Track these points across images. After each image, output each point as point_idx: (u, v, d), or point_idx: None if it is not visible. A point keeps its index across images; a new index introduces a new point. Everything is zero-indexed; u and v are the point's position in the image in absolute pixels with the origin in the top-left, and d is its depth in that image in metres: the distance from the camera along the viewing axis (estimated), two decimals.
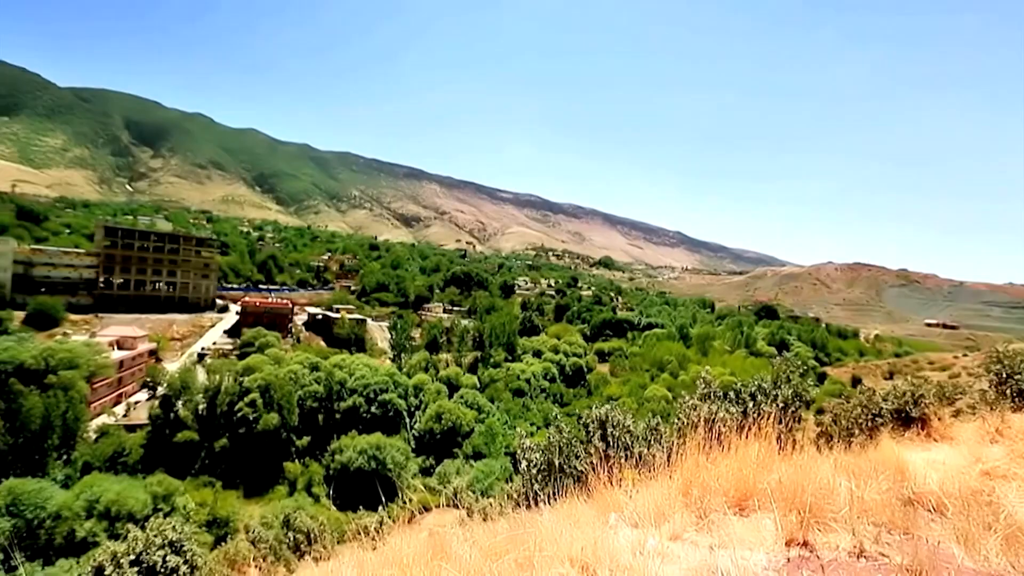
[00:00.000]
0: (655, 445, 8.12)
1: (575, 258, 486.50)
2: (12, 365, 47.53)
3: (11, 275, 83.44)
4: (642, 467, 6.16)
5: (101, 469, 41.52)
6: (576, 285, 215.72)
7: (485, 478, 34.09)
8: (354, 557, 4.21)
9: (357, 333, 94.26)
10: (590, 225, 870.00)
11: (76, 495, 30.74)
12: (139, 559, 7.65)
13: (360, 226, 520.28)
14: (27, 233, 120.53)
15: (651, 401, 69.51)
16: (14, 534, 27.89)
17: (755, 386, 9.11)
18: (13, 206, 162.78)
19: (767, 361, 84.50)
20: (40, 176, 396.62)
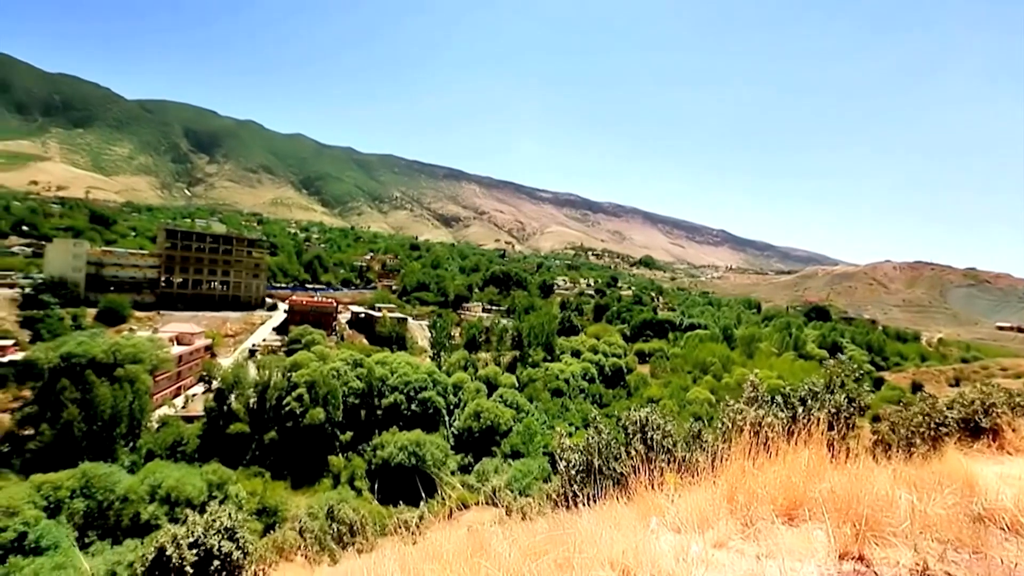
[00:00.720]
0: (698, 449, 7.92)
1: (615, 257, 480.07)
2: (86, 359, 51.29)
3: (85, 275, 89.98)
4: (684, 471, 6.03)
5: (162, 457, 44.12)
6: (616, 285, 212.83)
7: (523, 477, 34.13)
8: (396, 550, 4.30)
9: (398, 331, 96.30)
10: (630, 224, 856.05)
11: (141, 480, 32.79)
12: (197, 543, 8.08)
13: (401, 226, 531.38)
14: (98, 236, 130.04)
15: (693, 404, 67.77)
16: (87, 514, 30.06)
17: (805, 390, 8.73)
18: (87, 211, 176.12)
19: (818, 364, 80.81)
20: (110, 183, 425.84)
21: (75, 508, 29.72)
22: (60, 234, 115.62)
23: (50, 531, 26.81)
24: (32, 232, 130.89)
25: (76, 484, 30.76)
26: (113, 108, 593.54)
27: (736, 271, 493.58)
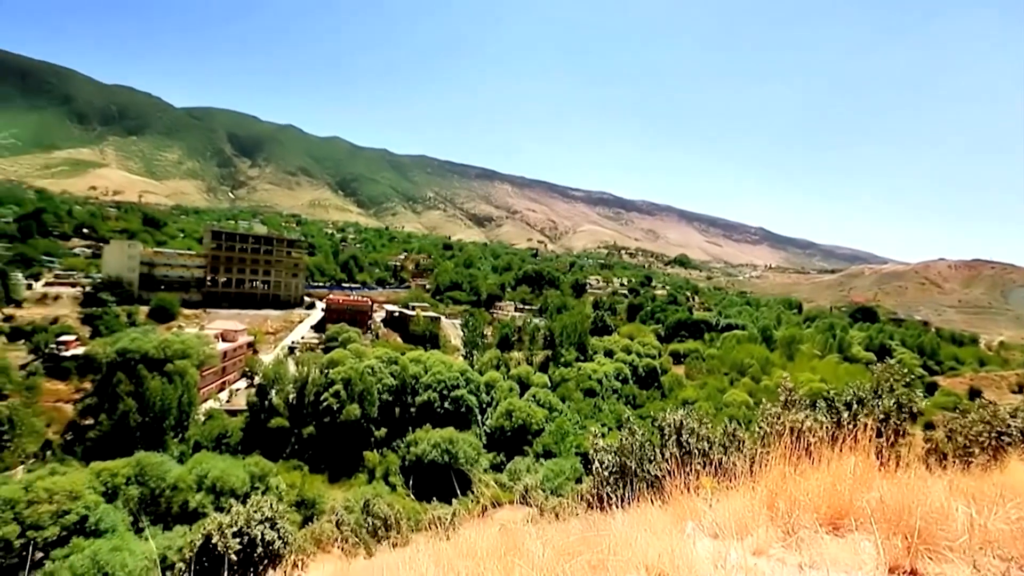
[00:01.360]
0: (735, 453, 7.71)
1: (649, 256, 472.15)
2: (139, 354, 54.17)
3: (138, 275, 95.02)
4: (721, 475, 5.89)
5: (208, 448, 46.11)
6: (650, 284, 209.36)
7: (555, 477, 34.04)
8: (430, 546, 4.35)
9: (431, 330, 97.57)
10: (665, 222, 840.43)
11: (189, 470, 34.35)
12: (241, 531, 8.43)
13: (434, 226, 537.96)
14: (150, 237, 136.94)
15: (730, 406, 66.03)
16: (141, 500, 31.72)
17: (851, 394, 8.37)
18: (140, 214, 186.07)
19: (864, 368, 77.35)
20: (160, 187, 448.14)
21: (130, 494, 31.39)
22: (116, 236, 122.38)
23: (108, 515, 28.42)
24: (92, 234, 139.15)
25: (131, 472, 32.49)
26: (164, 116, 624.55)
27: (776, 270, 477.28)
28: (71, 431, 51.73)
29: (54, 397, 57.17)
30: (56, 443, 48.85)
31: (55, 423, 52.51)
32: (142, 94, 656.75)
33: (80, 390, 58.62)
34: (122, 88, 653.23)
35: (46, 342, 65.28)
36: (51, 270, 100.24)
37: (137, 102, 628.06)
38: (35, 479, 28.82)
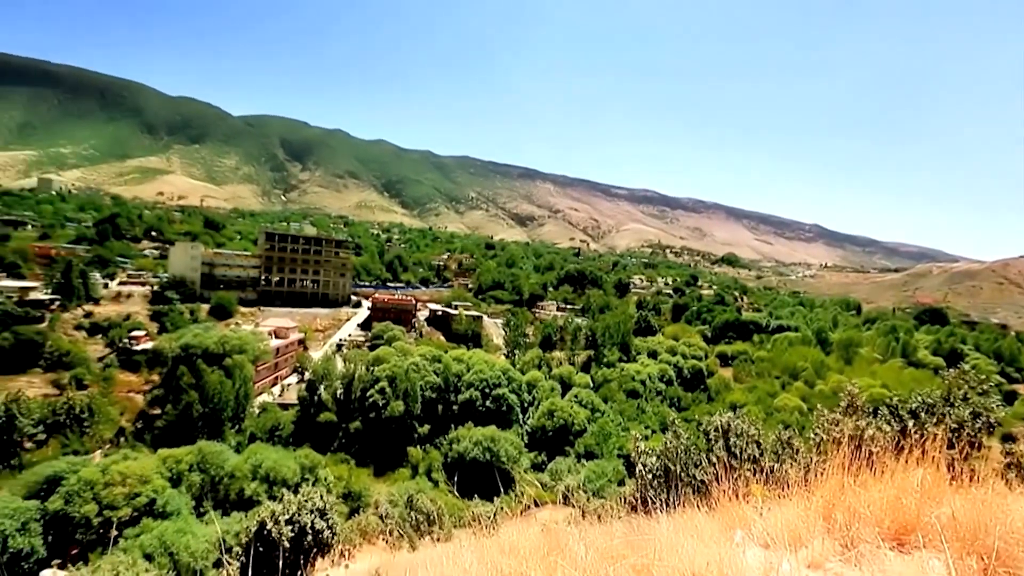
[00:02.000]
0: (787, 460, 7.38)
1: (695, 255, 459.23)
2: (200, 349, 57.50)
3: (200, 274, 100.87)
4: (772, 483, 5.66)
5: (262, 439, 48.39)
6: (696, 284, 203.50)
7: (597, 479, 33.65)
8: (473, 543, 4.39)
9: (474, 329, 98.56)
10: (712, 220, 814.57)
11: (245, 459, 36.15)
12: (292, 520, 8.79)
13: (477, 226, 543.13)
14: (211, 239, 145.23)
15: (781, 411, 63.30)
16: (201, 486, 33.66)
17: (917, 402, 7.84)
18: (202, 217, 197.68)
19: (932, 374, 72.28)
20: (220, 191, 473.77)
21: (192, 480, 33.35)
22: (180, 238, 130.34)
23: (173, 499, 30.32)
24: (159, 237, 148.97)
25: (193, 459, 34.51)
26: (222, 125, 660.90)
27: (832, 269, 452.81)
28: (141, 420, 55.52)
29: (127, 388, 61.53)
30: (128, 430, 52.56)
31: (127, 412, 56.52)
32: (203, 104, 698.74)
33: (149, 382, 62.85)
34: (186, 99, 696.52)
35: (120, 337, 70.39)
36: (124, 270, 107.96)
37: (199, 112, 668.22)
38: (110, 463, 31.13)
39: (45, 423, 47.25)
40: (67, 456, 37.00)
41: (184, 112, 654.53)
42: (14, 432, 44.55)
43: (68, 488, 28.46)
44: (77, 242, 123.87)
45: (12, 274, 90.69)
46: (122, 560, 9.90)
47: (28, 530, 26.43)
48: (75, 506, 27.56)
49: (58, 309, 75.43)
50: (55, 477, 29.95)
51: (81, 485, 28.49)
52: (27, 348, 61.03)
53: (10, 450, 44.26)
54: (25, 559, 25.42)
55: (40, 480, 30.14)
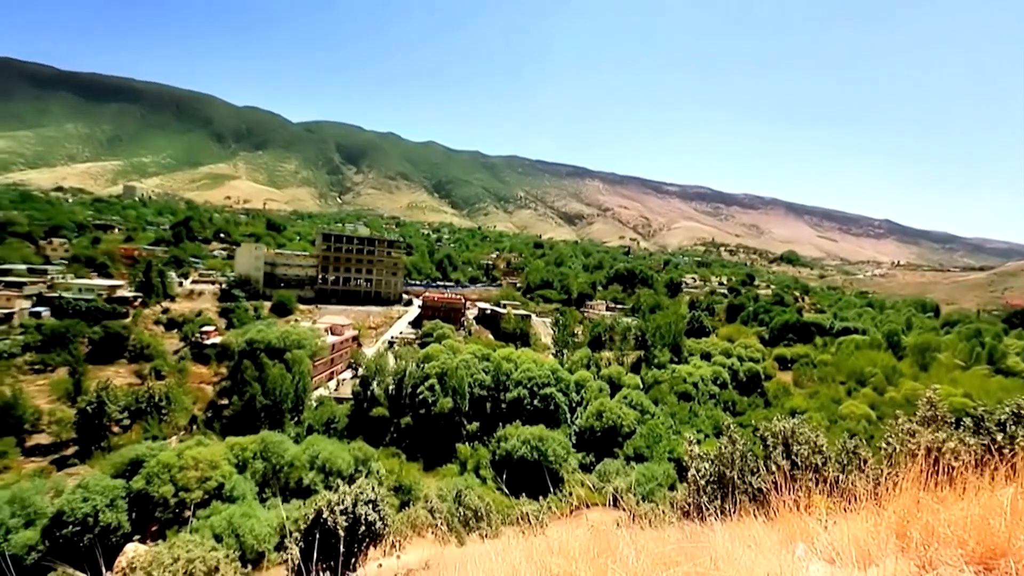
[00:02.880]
0: (854, 471, 6.94)
1: (751, 253, 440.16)
2: (263, 344, 60.84)
3: (263, 273, 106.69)
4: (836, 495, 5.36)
5: (319, 431, 50.52)
6: (752, 283, 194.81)
7: (647, 482, 32.96)
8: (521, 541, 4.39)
9: (522, 328, 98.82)
10: (770, 216, 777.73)
11: (303, 450, 37.94)
12: (347, 510, 9.13)
13: (525, 225, 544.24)
14: (272, 240, 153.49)
15: (847, 419, 59.62)
16: (264, 474, 35.61)
17: (1007, 413, 7.16)
18: (264, 219, 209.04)
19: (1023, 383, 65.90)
20: (280, 195, 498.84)
21: (256, 468, 35.35)
22: (245, 240, 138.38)
23: (239, 484, 32.26)
24: (227, 238, 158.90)
25: (257, 448, 36.57)
26: (283, 132, 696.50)
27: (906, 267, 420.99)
28: (211, 409, 59.42)
29: (198, 379, 66.00)
30: (200, 419, 56.37)
31: (199, 401, 60.64)
32: (266, 113, 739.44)
33: (218, 374, 67.15)
34: (250, 109, 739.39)
35: (192, 332, 75.63)
36: (196, 269, 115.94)
37: (262, 120, 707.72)
38: (185, 448, 33.51)
39: (129, 410, 51.51)
40: (148, 441, 40.19)
41: (249, 121, 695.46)
42: (104, 417, 48.85)
43: (149, 470, 30.89)
44: (156, 244, 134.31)
45: (102, 273, 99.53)
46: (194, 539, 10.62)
47: (116, 506, 28.90)
48: (155, 487, 29.88)
49: (140, 306, 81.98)
50: (138, 459, 32.58)
51: (160, 468, 30.84)
52: (114, 341, 66.71)
53: (100, 433, 48.57)
54: (113, 532, 27.80)
55: (125, 461, 32.87)
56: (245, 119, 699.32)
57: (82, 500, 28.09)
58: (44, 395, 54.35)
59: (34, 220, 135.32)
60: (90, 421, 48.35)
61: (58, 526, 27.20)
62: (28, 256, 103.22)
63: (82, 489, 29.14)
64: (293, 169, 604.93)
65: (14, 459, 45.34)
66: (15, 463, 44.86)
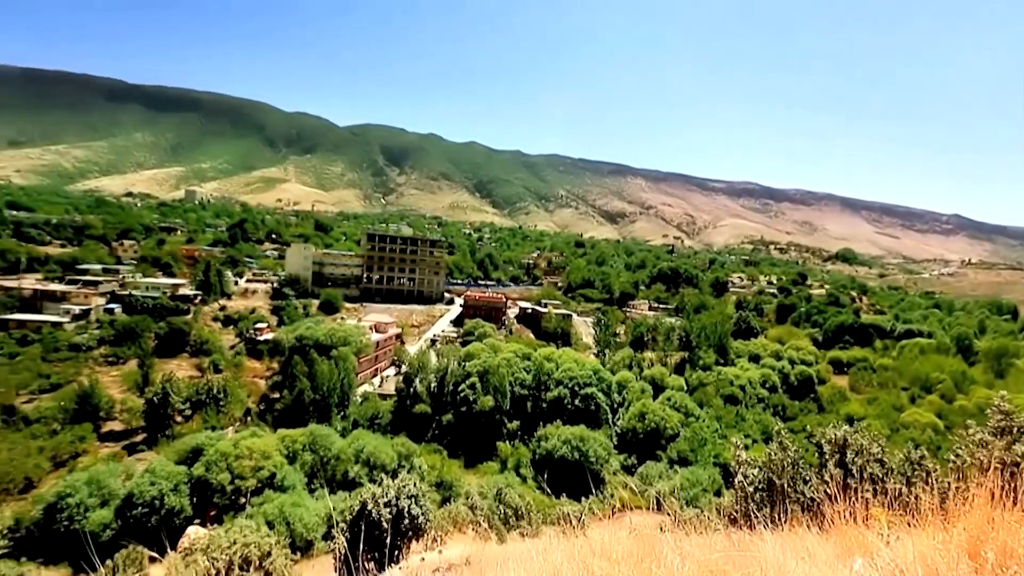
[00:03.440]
0: (918, 483, 6.52)
1: (803, 251, 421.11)
2: (312, 341, 63.21)
3: (311, 273, 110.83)
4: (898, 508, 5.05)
5: (364, 426, 52.03)
6: (804, 283, 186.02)
7: (691, 486, 32.13)
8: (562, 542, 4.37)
9: (563, 327, 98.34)
10: (824, 212, 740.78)
11: (349, 444, 39.18)
12: (390, 503, 9.36)
13: (566, 224, 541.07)
14: (320, 240, 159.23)
15: (910, 428, 56.08)
16: (312, 465, 37.02)
17: None
18: (313, 221, 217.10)
19: None
20: (328, 196, 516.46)
21: (305, 459, 36.80)
22: (295, 240, 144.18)
23: (290, 475, 33.70)
24: (278, 239, 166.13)
25: (306, 440, 38.06)
26: (330, 135, 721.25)
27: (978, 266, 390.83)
28: (263, 402, 62.26)
29: (252, 373, 69.28)
30: (253, 411, 59.16)
31: (253, 394, 63.63)
32: (314, 118, 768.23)
33: (270, 368, 70.27)
34: (300, 115, 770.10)
35: (247, 328, 79.49)
36: (250, 269, 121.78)
37: (311, 125, 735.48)
38: (240, 439, 35.28)
39: (191, 401, 54.71)
40: (207, 430, 42.57)
41: (298, 126, 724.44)
42: (168, 407, 52.12)
43: (208, 458, 32.71)
44: (214, 245, 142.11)
45: (166, 272, 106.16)
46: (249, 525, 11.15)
47: (179, 491, 30.79)
48: (213, 474, 31.61)
49: (200, 303, 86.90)
50: (198, 448, 34.58)
51: (218, 456, 32.59)
52: (177, 336, 71.00)
53: (165, 422, 51.84)
54: (176, 515, 29.63)
55: (187, 449, 34.96)
56: (295, 124, 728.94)
57: (150, 484, 30.09)
58: (116, 385, 58.49)
59: (108, 223, 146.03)
60: (156, 410, 51.72)
61: (129, 507, 29.26)
62: (103, 257, 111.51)
63: (149, 474, 31.21)
64: (339, 171, 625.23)
65: (91, 443, 49.06)
66: (92, 447, 48.55)
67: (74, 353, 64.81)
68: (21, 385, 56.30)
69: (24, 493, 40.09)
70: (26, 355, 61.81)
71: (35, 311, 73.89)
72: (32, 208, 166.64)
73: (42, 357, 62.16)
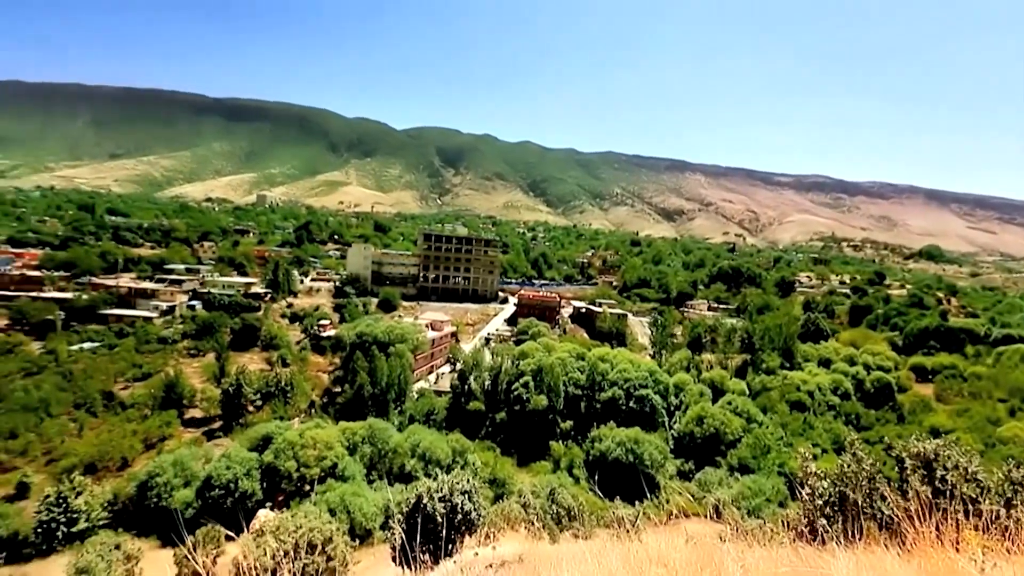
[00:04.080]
0: (1020, 506, 5.87)
1: (880, 248, 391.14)
2: (371, 337, 65.63)
3: (371, 272, 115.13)
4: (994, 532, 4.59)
5: (419, 422, 53.37)
6: (882, 282, 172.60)
7: (753, 496, 30.63)
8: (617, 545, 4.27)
9: (618, 328, 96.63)
10: (905, 206, 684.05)
11: (405, 438, 40.39)
12: (444, 498, 9.54)
13: (622, 223, 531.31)
14: (379, 241, 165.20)
15: (1009, 444, 50.73)
16: (371, 457, 38.46)
17: None
18: (372, 222, 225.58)
19: None
20: (386, 198, 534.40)
21: (364, 452, 38.29)
22: (356, 240, 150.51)
23: (350, 465, 35.19)
24: (340, 240, 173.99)
25: (365, 433, 39.58)
26: (389, 139, 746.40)
27: None
28: (326, 395, 65.39)
29: (316, 367, 72.92)
30: (317, 403, 62.28)
31: (316, 388, 67.01)
32: (374, 122, 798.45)
33: (332, 363, 73.67)
34: (360, 120, 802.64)
35: (311, 324, 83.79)
36: (315, 268, 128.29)
37: (370, 130, 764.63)
38: (305, 429, 37.24)
39: (261, 392, 58.41)
40: (276, 420, 45.23)
41: (359, 131, 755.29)
42: (241, 397, 55.90)
43: (276, 446, 34.75)
44: (282, 246, 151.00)
45: (240, 272, 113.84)
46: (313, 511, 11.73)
47: (251, 476, 32.90)
48: (281, 461, 33.54)
49: (269, 301, 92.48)
50: (268, 436, 36.81)
51: (285, 445, 34.55)
52: (249, 331, 75.96)
53: (238, 411, 55.64)
54: (248, 498, 31.68)
55: (258, 437, 37.30)
56: (356, 130, 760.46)
57: (226, 468, 32.36)
58: (197, 376, 63.38)
59: (190, 227, 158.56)
60: (231, 400, 55.62)
61: (208, 488, 31.62)
62: (186, 257, 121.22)
63: (225, 458, 33.59)
64: (397, 173, 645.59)
65: (176, 428, 53.48)
66: (176, 432, 52.90)
67: (162, 345, 70.93)
68: (119, 373, 62.34)
69: (121, 471, 44.33)
70: (122, 346, 68.29)
71: (129, 307, 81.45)
72: (127, 214, 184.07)
73: (135, 348, 68.45)
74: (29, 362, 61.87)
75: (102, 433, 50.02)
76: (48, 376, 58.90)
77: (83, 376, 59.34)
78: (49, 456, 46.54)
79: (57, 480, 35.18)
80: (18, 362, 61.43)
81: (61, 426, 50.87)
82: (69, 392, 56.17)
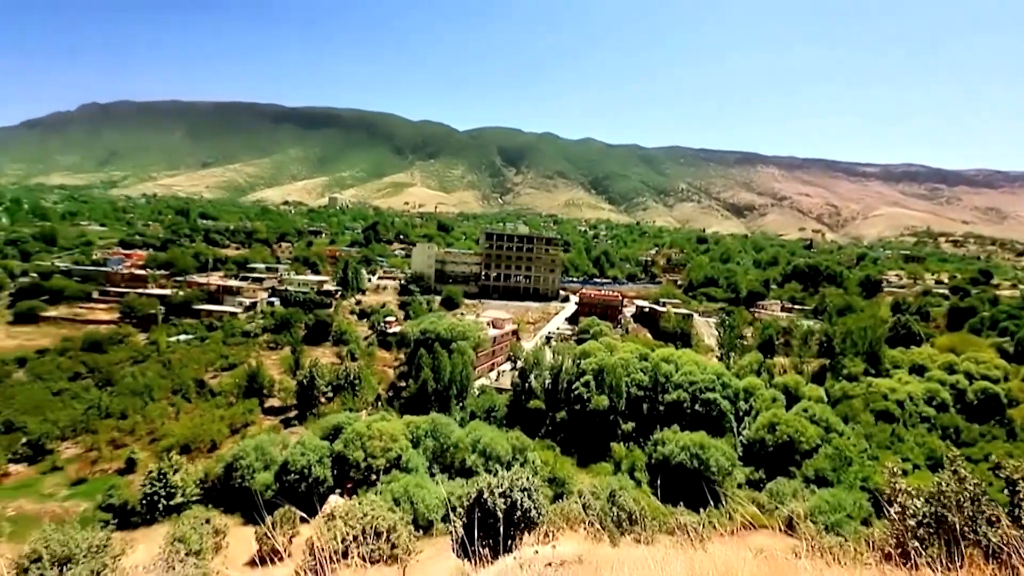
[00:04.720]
0: None
1: (987, 243, 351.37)
2: (434, 334, 67.45)
3: (434, 271, 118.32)
4: None
5: (480, 418, 54.20)
6: (988, 281, 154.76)
7: (832, 511, 28.50)
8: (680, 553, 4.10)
9: (683, 328, 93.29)
10: (1018, 196, 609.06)
11: (467, 434, 41.12)
12: (504, 494, 9.61)
13: (687, 219, 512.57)
14: (442, 240, 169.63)
15: None
16: (433, 451, 39.51)
17: None
18: (435, 221, 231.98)
19: None
20: (449, 198, 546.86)
21: (427, 445, 39.40)
22: (420, 240, 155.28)
23: (414, 458, 36.34)
24: (405, 239, 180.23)
25: (428, 427, 40.72)
26: (451, 140, 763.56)
27: None
28: (392, 389, 67.98)
29: (382, 362, 75.98)
30: (383, 397, 64.89)
31: (382, 382, 69.82)
32: (437, 125, 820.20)
33: (397, 359, 76.48)
34: (424, 123, 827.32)
35: (378, 321, 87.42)
36: (381, 267, 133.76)
37: (434, 132, 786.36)
38: (372, 421, 38.90)
39: (332, 384, 61.71)
40: (345, 412, 47.60)
41: (423, 133, 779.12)
42: (314, 389, 59.37)
43: (346, 436, 36.55)
44: (352, 245, 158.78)
45: (313, 270, 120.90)
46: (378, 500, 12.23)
47: (323, 463, 34.82)
48: (350, 450, 35.23)
49: (339, 298, 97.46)
50: (338, 426, 38.82)
51: (354, 435, 36.26)
52: (321, 327, 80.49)
53: (312, 402, 59.13)
54: (320, 484, 33.57)
55: (329, 427, 39.43)
56: (420, 132, 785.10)
57: (300, 454, 34.48)
58: (275, 368, 68.01)
59: (270, 228, 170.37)
60: (305, 391, 59.22)
61: (284, 472, 33.83)
62: (266, 257, 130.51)
63: (300, 446, 35.79)
64: (460, 174, 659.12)
65: (257, 416, 57.75)
66: (257, 419, 57.11)
67: (245, 339, 76.77)
68: (209, 363, 68.20)
69: (211, 452, 48.49)
70: (212, 339, 74.65)
71: (218, 303, 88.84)
72: (216, 217, 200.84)
73: (223, 341, 74.55)
74: (136, 351, 69.19)
75: (195, 417, 55.01)
76: (151, 364, 65.60)
77: (179, 365, 65.52)
78: (152, 436, 51.80)
79: (158, 458, 39.10)
80: (127, 351, 68.84)
81: (162, 409, 56.45)
82: (168, 379, 62.22)
